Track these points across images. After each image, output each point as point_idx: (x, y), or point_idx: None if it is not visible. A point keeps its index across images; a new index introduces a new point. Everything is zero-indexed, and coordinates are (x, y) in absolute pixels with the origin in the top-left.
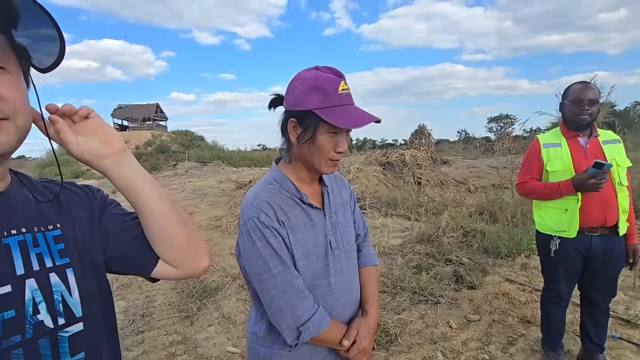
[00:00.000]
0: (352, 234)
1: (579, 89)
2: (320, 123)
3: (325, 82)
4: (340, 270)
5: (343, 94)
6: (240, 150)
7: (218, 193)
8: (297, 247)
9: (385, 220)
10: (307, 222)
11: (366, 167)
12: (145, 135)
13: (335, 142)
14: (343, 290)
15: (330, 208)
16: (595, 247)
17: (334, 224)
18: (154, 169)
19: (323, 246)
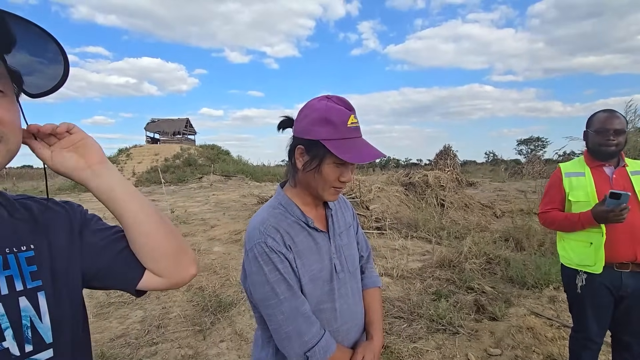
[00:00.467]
0: (356, 256)
1: (603, 118)
2: (327, 154)
3: (335, 114)
4: (345, 294)
5: (352, 127)
6: (264, 165)
7: (240, 207)
8: (304, 271)
9: (405, 242)
10: (313, 247)
11: (388, 187)
12: (175, 148)
13: (340, 172)
14: (348, 314)
15: (334, 231)
16: (626, 285)
17: (339, 247)
18: (180, 181)
19: (328, 270)
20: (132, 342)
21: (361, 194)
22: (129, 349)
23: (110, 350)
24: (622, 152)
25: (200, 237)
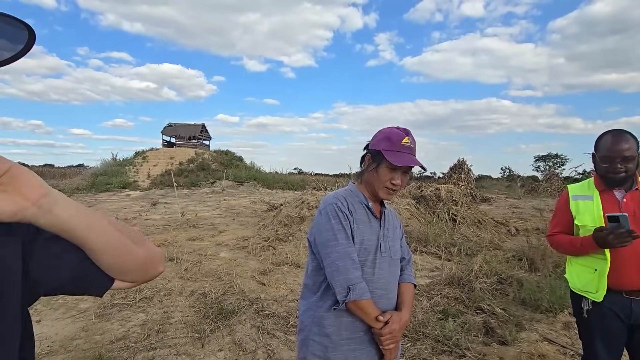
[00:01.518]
0: (398, 250)
1: (609, 143)
2: (383, 160)
3: (394, 134)
4: (384, 268)
5: (405, 145)
6: (277, 172)
7: (250, 213)
8: (357, 234)
9: (414, 256)
10: (367, 222)
11: (398, 200)
12: (189, 152)
13: (391, 176)
14: (382, 285)
15: (385, 223)
16: (637, 313)
17: (385, 235)
18: (193, 185)
19: (374, 244)
20: (131, 346)
21: None
22: (127, 353)
23: (108, 353)
24: (637, 174)
25: (208, 242)
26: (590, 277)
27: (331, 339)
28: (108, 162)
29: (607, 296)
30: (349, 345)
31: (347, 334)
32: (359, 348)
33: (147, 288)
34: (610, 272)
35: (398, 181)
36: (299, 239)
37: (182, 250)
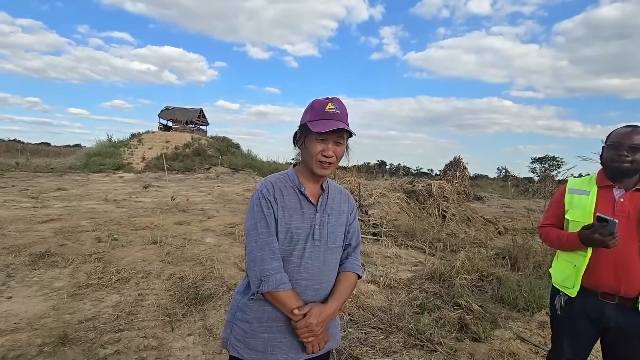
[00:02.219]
0: (338, 237)
1: (622, 132)
2: (309, 131)
3: (317, 103)
4: (315, 258)
5: (330, 111)
6: (274, 162)
7: (242, 200)
8: (282, 222)
9: (399, 250)
10: (298, 208)
11: (389, 193)
12: (186, 137)
13: (322, 147)
14: (311, 275)
15: (324, 208)
16: (608, 316)
17: (323, 221)
18: (188, 170)
19: (306, 232)
20: (99, 327)
21: (361, 198)
22: (94, 333)
23: (75, 332)
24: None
25: (195, 227)
26: (569, 271)
27: (251, 326)
28: (103, 143)
29: (583, 296)
30: (269, 333)
31: (268, 322)
32: (279, 337)
33: (125, 269)
34: (587, 270)
35: (330, 152)
36: None
37: (167, 233)
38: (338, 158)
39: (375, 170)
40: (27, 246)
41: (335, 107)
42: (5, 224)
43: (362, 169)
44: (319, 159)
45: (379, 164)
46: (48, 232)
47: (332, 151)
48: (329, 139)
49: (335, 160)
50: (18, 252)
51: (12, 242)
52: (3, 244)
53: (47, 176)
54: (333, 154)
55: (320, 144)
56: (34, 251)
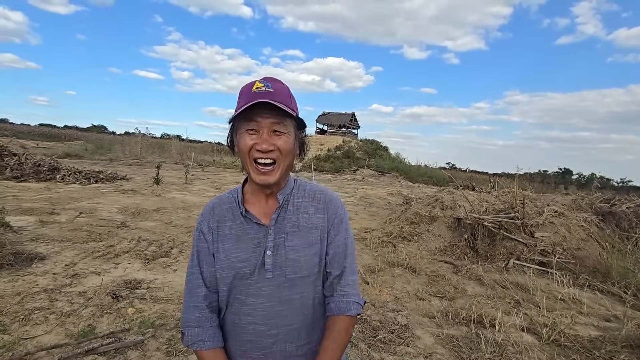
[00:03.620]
0: (304, 264)
1: None
2: (236, 124)
3: (245, 87)
4: (266, 295)
5: (257, 90)
6: (424, 165)
7: (383, 205)
8: (221, 256)
9: (579, 293)
10: (242, 235)
11: (570, 212)
12: (338, 140)
13: (252, 140)
14: (262, 317)
15: (279, 227)
16: None
17: (279, 245)
18: (337, 171)
19: (253, 263)
20: None
21: (524, 215)
22: None
23: None
24: None
25: None
26: None
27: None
28: None
29: None
30: None
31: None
32: None
33: None
34: None
35: (264, 145)
36: (425, 240)
37: None
38: (283, 153)
39: (554, 181)
40: None
41: (265, 84)
42: (193, 208)
43: (534, 178)
44: (253, 157)
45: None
46: None
47: (268, 143)
48: (261, 128)
49: (279, 155)
50: (191, 233)
51: (192, 223)
52: (187, 224)
53: (231, 171)
54: (272, 147)
55: (249, 136)
56: None
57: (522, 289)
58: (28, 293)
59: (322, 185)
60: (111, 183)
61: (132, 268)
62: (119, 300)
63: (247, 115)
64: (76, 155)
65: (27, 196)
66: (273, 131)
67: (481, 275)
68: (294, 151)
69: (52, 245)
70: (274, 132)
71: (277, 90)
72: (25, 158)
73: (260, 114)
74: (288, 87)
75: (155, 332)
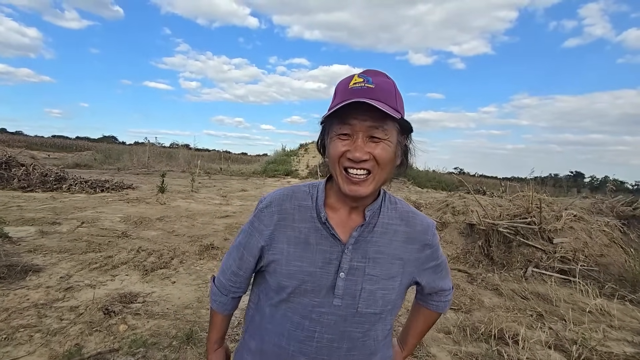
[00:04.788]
0: (380, 299)
1: None
2: (328, 126)
3: (342, 82)
4: (329, 324)
5: (355, 87)
6: (433, 171)
7: None
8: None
9: (607, 304)
10: (312, 244)
11: (590, 217)
12: None
13: (344, 146)
14: (315, 350)
15: (359, 249)
16: None
17: (357, 270)
18: None
19: (319, 281)
20: (230, 333)
21: (542, 220)
22: None
23: (201, 331)
24: None
25: None
26: None
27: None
28: (279, 152)
29: None
30: None
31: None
32: None
33: None
34: None
35: (357, 153)
36: None
37: None
38: (380, 163)
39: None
40: (202, 237)
41: (365, 79)
42: (198, 216)
43: (546, 182)
44: (343, 165)
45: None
46: (221, 226)
47: (362, 151)
48: (356, 133)
49: (375, 166)
50: (194, 242)
51: (195, 232)
52: (190, 233)
53: (237, 179)
54: (367, 156)
55: (341, 142)
56: (204, 242)
57: (543, 299)
58: (17, 309)
59: (412, 207)
60: (117, 192)
61: (129, 280)
62: (111, 316)
63: (340, 117)
64: (85, 165)
65: (32, 206)
66: (370, 137)
67: (498, 284)
68: (393, 161)
69: (49, 257)
70: (370, 138)
71: (379, 86)
72: (32, 168)
73: (355, 115)
74: (394, 82)
75: (146, 352)
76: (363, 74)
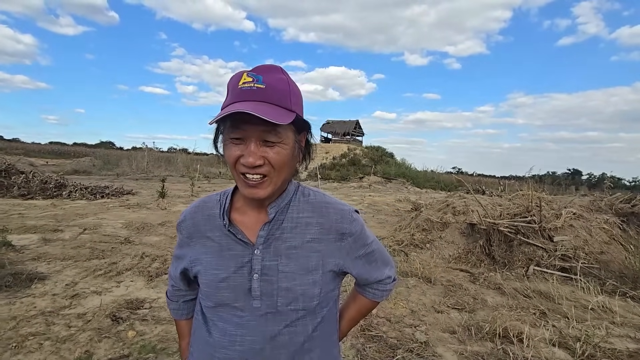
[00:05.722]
0: (302, 296)
1: None
2: (222, 126)
3: (232, 80)
4: (251, 327)
5: (244, 88)
6: (431, 171)
7: (391, 212)
8: (201, 269)
9: (609, 301)
10: (224, 250)
11: (590, 214)
12: (343, 147)
13: (237, 151)
14: (242, 353)
15: (270, 247)
16: None
17: (270, 269)
18: (343, 179)
19: (236, 286)
20: None
21: (541, 218)
22: None
23: None
24: None
25: None
26: None
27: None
28: None
29: None
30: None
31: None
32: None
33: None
34: None
35: (250, 159)
36: (438, 248)
37: None
38: (275, 167)
39: (564, 182)
40: None
41: (254, 78)
42: None
43: (544, 180)
44: (239, 171)
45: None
46: None
47: (255, 156)
48: (248, 137)
49: (271, 170)
50: None
51: None
52: None
53: None
54: (262, 160)
55: (235, 146)
56: None
57: (546, 297)
58: (24, 317)
59: (330, 196)
60: (117, 198)
61: (134, 286)
62: (119, 322)
63: (231, 120)
64: (84, 172)
65: (33, 214)
66: (264, 140)
67: (500, 283)
68: (291, 162)
69: (53, 264)
70: (264, 142)
71: (270, 86)
72: (32, 176)
73: (247, 119)
74: (287, 77)
75: (156, 357)
76: (253, 72)
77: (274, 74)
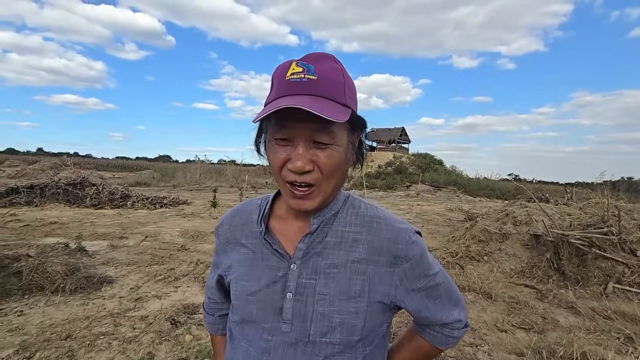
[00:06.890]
0: (340, 326)
1: None
2: (265, 125)
3: (277, 70)
4: (277, 355)
5: (293, 79)
6: (485, 178)
7: (442, 222)
8: (232, 279)
9: None
10: (258, 261)
11: None
12: (388, 155)
13: (286, 154)
14: None
15: (309, 263)
16: None
17: (306, 288)
18: (389, 187)
19: (266, 303)
20: None
21: (621, 229)
22: None
23: None
24: None
25: None
26: None
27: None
28: None
29: None
30: None
31: None
32: None
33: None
34: None
35: (298, 163)
36: (498, 260)
37: None
38: (325, 173)
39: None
40: None
41: (305, 68)
42: None
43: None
44: (286, 179)
45: None
46: None
47: (304, 160)
48: (296, 138)
49: (320, 177)
50: None
51: None
52: None
53: None
54: (311, 165)
55: (281, 148)
56: None
57: (631, 320)
58: (96, 317)
59: (385, 210)
60: (174, 207)
61: (190, 292)
62: (177, 326)
63: (277, 116)
64: (145, 183)
65: (102, 222)
66: (313, 141)
67: (573, 302)
68: (343, 166)
69: (120, 269)
70: (315, 143)
71: (323, 77)
72: (102, 187)
73: (294, 116)
74: (341, 67)
75: None
76: (303, 61)
77: (327, 63)
